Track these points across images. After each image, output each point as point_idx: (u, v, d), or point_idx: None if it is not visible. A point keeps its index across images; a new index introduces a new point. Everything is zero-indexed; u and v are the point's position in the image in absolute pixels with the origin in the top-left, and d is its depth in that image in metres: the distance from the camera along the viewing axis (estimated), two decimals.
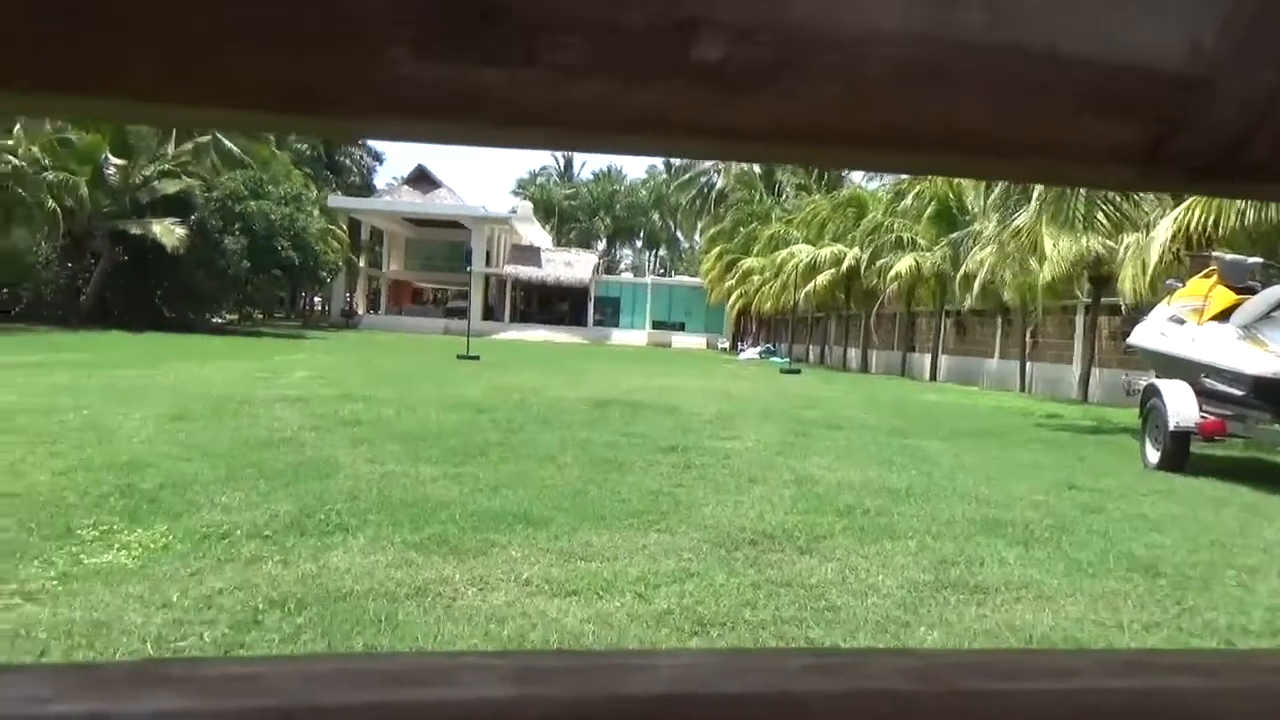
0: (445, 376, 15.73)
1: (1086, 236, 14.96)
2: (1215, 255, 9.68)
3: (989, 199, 21.46)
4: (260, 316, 47.22)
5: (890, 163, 0.38)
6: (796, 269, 33.63)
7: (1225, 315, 8.80)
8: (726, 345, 52.32)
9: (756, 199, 50.19)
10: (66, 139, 29.31)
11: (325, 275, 39.50)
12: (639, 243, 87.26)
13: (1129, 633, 3.75)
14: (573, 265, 55.97)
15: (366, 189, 64.34)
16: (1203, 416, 8.55)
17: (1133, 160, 0.36)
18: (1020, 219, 15.15)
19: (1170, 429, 8.54)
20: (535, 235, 61.65)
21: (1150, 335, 9.84)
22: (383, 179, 75.29)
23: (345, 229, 48.35)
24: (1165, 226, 12.68)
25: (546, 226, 72.44)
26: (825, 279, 32.07)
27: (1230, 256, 9.36)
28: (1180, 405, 8.58)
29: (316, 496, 5.47)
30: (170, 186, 32.24)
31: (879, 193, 34.52)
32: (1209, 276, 9.30)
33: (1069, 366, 21.81)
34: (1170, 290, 10.18)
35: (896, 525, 5.54)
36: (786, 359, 36.31)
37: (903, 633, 3.61)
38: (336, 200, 50.87)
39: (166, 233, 30.67)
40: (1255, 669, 0.47)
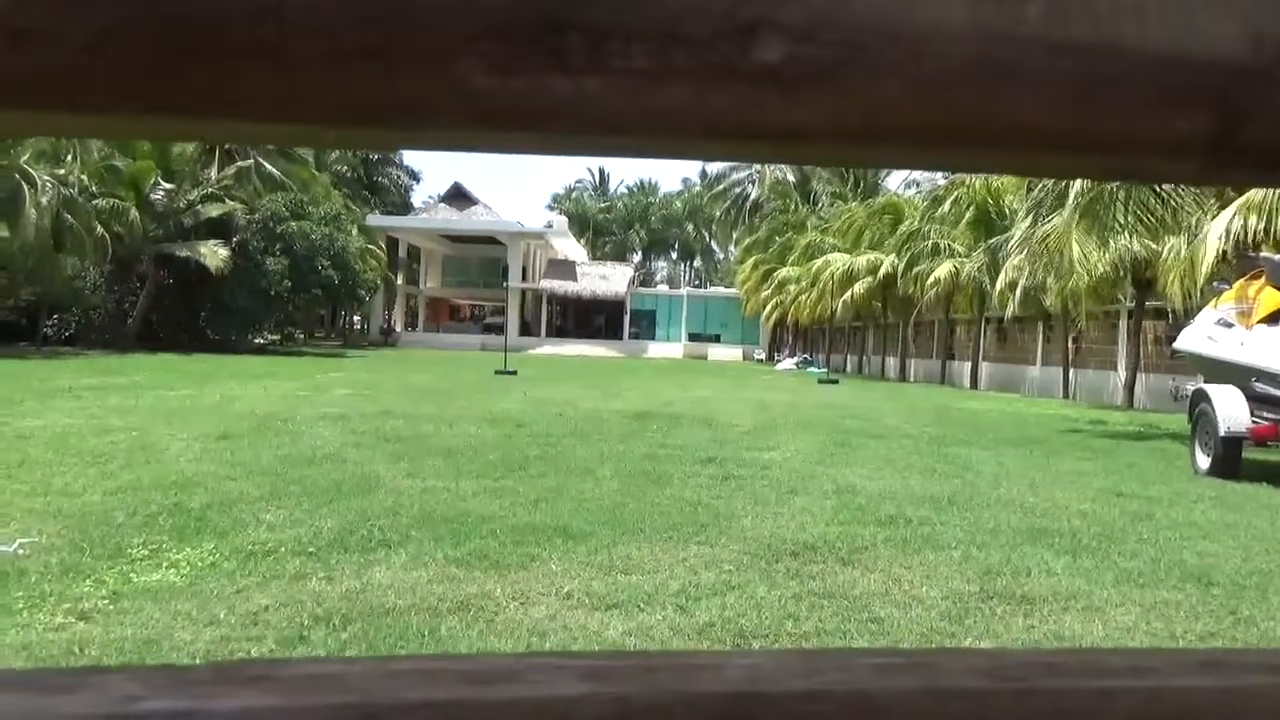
0: (483, 392, 15.84)
1: (1125, 238, 14.69)
2: (1263, 256, 9.46)
3: (1025, 202, 21.20)
4: (301, 336, 48.05)
5: (952, 161, 0.38)
6: (833, 278, 33.45)
7: (1275, 318, 8.59)
8: (763, 356, 52.13)
9: (791, 208, 50.03)
10: (114, 166, 30.07)
11: (364, 293, 40.07)
12: (674, 255, 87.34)
13: (1183, 644, 3.66)
14: (608, 278, 56.18)
15: (404, 207, 65.02)
16: (1255, 421, 8.35)
17: (1198, 153, 0.36)
18: (1053, 221, 14.92)
19: (1221, 434, 8.34)
20: (571, 249, 61.97)
21: (1197, 339, 9.63)
22: (419, 197, 76.12)
23: (383, 247, 48.95)
24: (1218, 226, 12.40)
25: (582, 240, 72.82)
26: (862, 288, 31.85)
27: (1278, 257, 9.14)
28: (1231, 410, 8.38)
29: (359, 513, 5.52)
30: (213, 210, 32.97)
31: (915, 199, 34.26)
32: (1256, 278, 9.09)
33: (1113, 373, 21.42)
34: (1217, 293, 9.96)
35: (940, 535, 5.47)
36: (824, 369, 36.08)
37: (949, 645, 3.56)
38: (375, 219, 51.54)
39: (210, 255, 31.37)
40: None
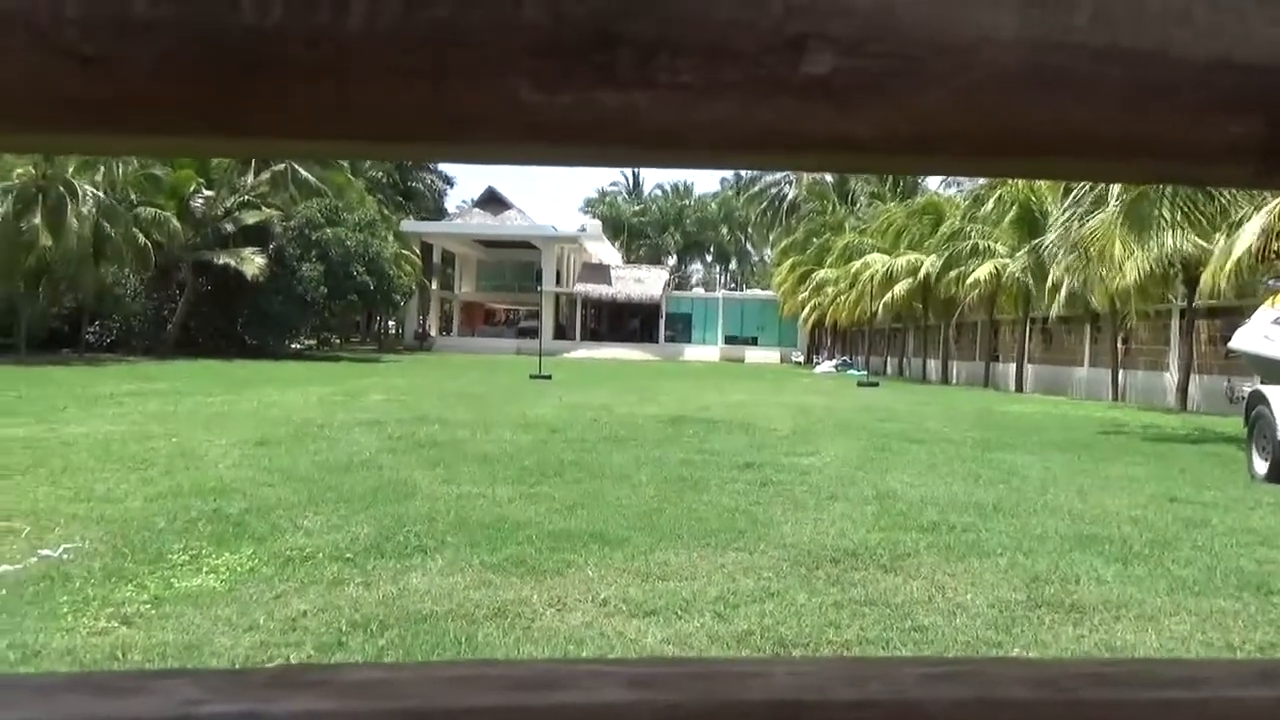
0: (519, 396, 15.97)
1: (1172, 236, 14.40)
2: None
3: (1066, 200, 20.91)
4: (337, 341, 48.62)
5: (1002, 168, 0.38)
6: (872, 279, 33.20)
7: None
8: (801, 359, 51.86)
9: (829, 209, 49.78)
10: (154, 175, 30.65)
11: (399, 299, 40.57)
12: (709, 257, 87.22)
13: (1241, 655, 3.58)
14: (643, 282, 56.32)
15: (438, 213, 65.62)
16: None
17: (1253, 157, 0.36)
18: (1097, 219, 14.66)
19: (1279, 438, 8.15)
20: (605, 253, 62.15)
21: (1253, 339, 9.42)
22: (453, 202, 76.74)
23: (418, 253, 49.50)
24: (1254, 225, 12.16)
25: (616, 244, 72.90)
26: (902, 289, 31.57)
27: None
28: None
29: (395, 519, 5.58)
30: (250, 217, 33.52)
31: (956, 199, 33.89)
32: None
33: (1165, 374, 21.01)
34: (1273, 291, 9.74)
35: (984, 541, 5.40)
36: (863, 371, 35.83)
37: (995, 654, 3.51)
38: (409, 225, 52.21)
39: (247, 262, 31.93)
40: None
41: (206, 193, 33.14)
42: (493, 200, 59.90)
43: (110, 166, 27.81)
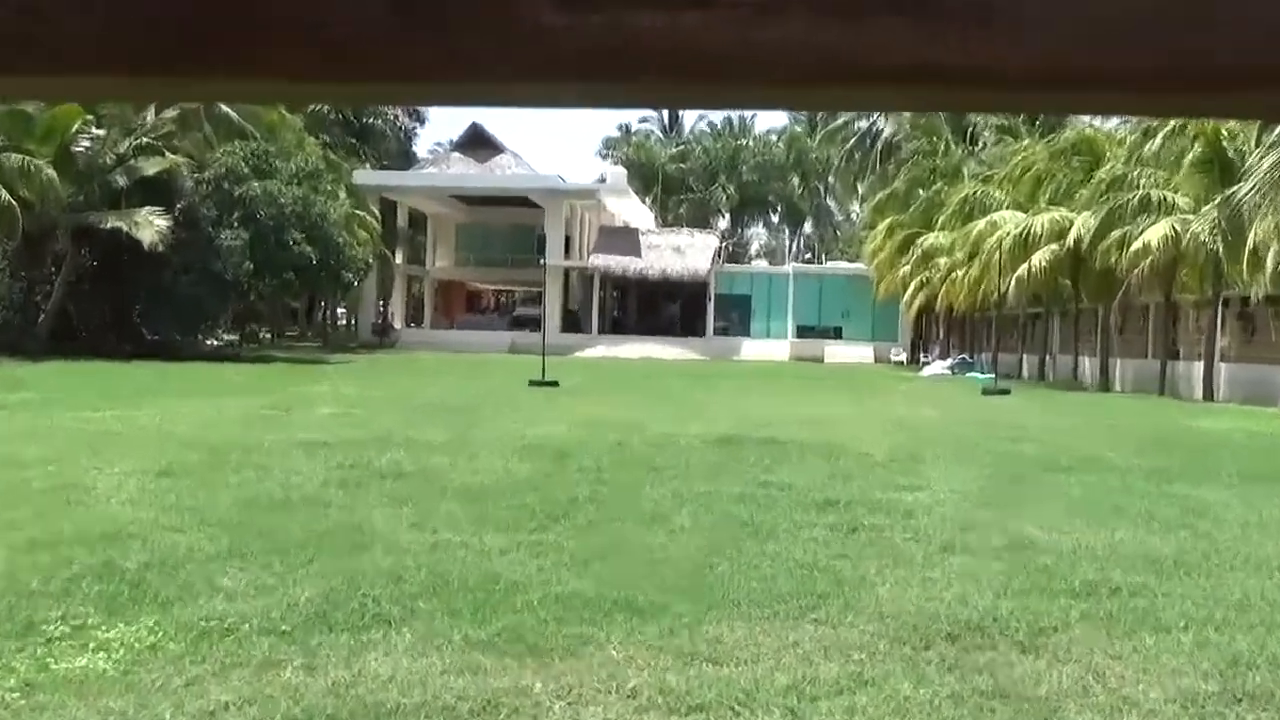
0: (514, 410, 16.05)
1: None
2: None
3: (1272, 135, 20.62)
4: (268, 335, 48.93)
5: (1126, 105, 0.37)
6: (1001, 246, 32.97)
7: None
8: (903, 356, 51.67)
9: (941, 149, 49.49)
10: (22, 111, 30.30)
11: (351, 277, 40.22)
12: (774, 217, 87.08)
13: None
14: (684, 252, 55.27)
15: (404, 159, 65.69)
16: None
17: None
18: None
19: None
20: (632, 212, 61.70)
21: None
22: (424, 145, 76.95)
23: (377, 214, 49.60)
24: None
25: (647, 200, 72.86)
26: (1043, 258, 31.33)
27: None
28: None
29: (347, 577, 5.62)
30: (150, 165, 33.46)
31: (1118, 134, 33.57)
32: None
33: None
34: None
35: (1161, 610, 5.34)
36: (989, 374, 35.60)
37: None
38: (366, 175, 52.35)
39: (144, 226, 31.40)
40: None
41: (96, 132, 33.06)
42: (478, 142, 59.17)
43: None
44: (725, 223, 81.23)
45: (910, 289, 43.85)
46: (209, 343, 39.03)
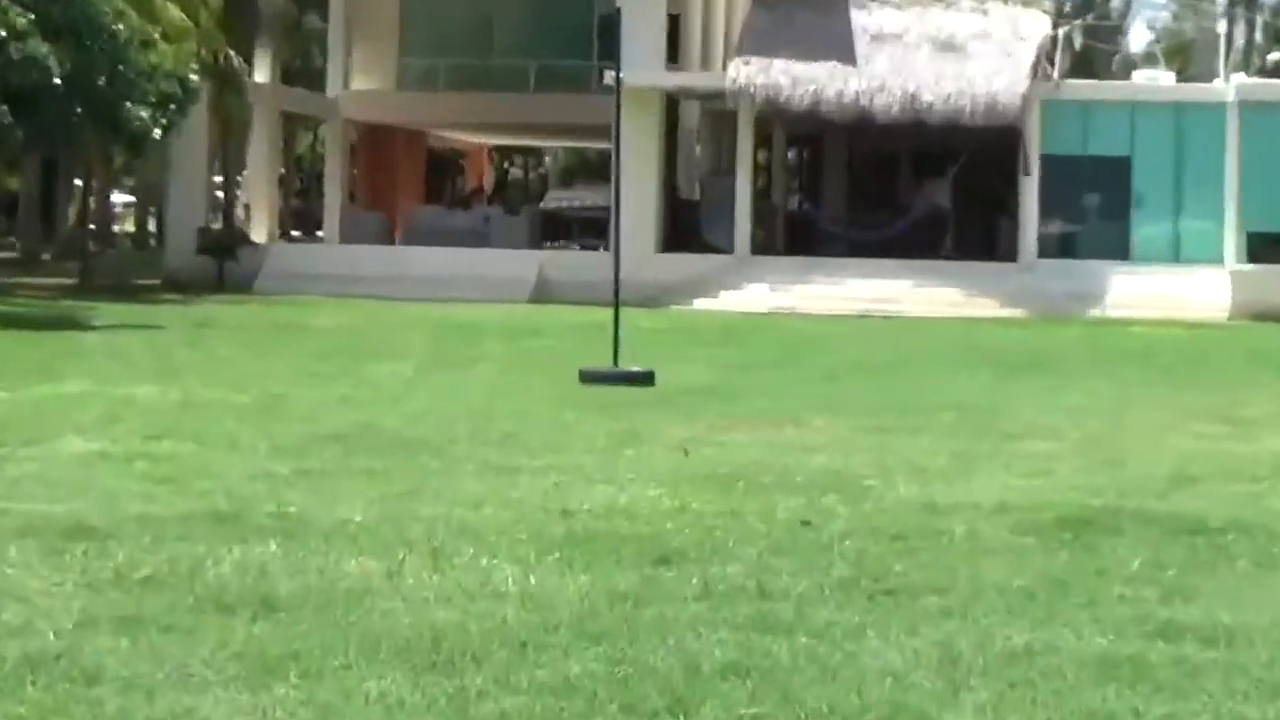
0: (542, 450, 9.26)
1: None
2: None
3: None
4: None
5: None
6: None
7: None
8: None
9: None
10: None
11: (148, 120, 20.82)
12: None
13: None
14: (965, 50, 27.35)
15: None
16: None
17: None
18: None
19: None
20: None
21: None
22: None
23: None
24: None
25: None
26: None
27: None
28: None
29: None
30: None
31: None
32: None
33: None
34: None
35: None
36: None
37: None
38: None
39: None
40: None
41: None
42: None
43: None
44: None
45: None
46: None
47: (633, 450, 9.46)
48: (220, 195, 32.08)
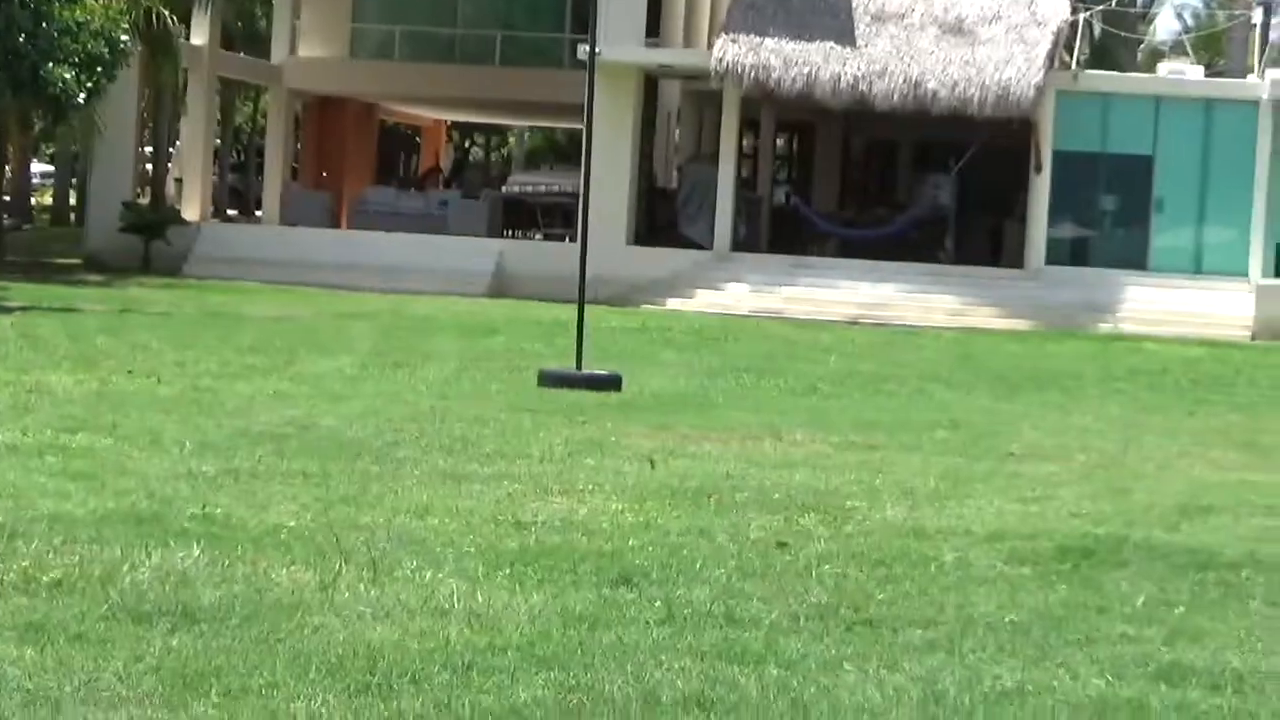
0: (496, 459, 9.11)
1: None
2: None
3: None
4: None
5: None
6: None
7: None
8: None
9: None
10: None
11: (71, 84, 20.16)
12: None
13: None
14: (974, 34, 26.31)
15: None
16: None
17: None
18: None
19: None
20: None
21: None
22: None
23: None
24: None
25: None
26: None
27: None
28: None
29: None
30: None
31: None
32: None
33: None
34: None
35: None
36: None
37: None
38: None
39: None
40: None
41: None
42: None
43: None
44: None
45: None
46: None
47: (594, 460, 9.29)
48: (149, 168, 30.93)
